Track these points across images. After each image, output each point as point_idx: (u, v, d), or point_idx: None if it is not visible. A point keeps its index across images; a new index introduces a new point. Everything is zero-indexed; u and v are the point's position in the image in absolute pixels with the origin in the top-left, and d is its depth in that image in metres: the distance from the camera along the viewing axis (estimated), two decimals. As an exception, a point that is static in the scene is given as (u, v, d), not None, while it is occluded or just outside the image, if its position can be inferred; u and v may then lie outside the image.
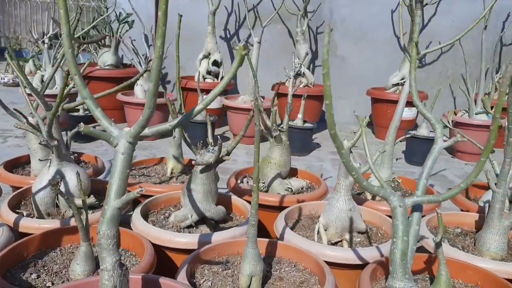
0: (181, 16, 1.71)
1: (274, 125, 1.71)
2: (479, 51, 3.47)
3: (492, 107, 2.29)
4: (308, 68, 4.09)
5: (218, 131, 3.64)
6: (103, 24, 3.70)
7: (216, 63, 3.66)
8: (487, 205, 1.65)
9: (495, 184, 1.38)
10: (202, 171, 1.40)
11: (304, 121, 3.12)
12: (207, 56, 3.63)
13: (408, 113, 3.51)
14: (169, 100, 1.63)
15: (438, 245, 1.08)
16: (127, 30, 3.68)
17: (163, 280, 0.99)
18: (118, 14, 3.64)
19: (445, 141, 0.86)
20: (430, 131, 2.97)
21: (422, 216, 1.51)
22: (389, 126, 1.75)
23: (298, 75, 3.63)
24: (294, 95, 3.64)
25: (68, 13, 0.78)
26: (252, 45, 4.15)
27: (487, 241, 1.38)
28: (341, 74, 4.10)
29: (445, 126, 2.34)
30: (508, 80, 0.73)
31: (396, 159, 3.13)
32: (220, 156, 1.40)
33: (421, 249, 1.52)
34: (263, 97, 3.45)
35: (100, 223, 0.79)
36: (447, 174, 2.89)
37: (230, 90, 3.71)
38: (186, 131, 1.54)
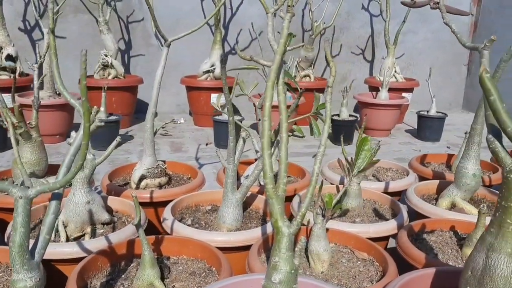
0: None
1: (17, 122, 1.59)
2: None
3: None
4: (122, 60, 3.98)
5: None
6: None
7: (11, 58, 3.32)
8: (242, 180, 1.78)
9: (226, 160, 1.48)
10: None
11: (110, 114, 3.03)
12: (-2, 51, 3.27)
13: (223, 100, 3.64)
14: None
15: (137, 227, 1.11)
16: None
17: None
18: None
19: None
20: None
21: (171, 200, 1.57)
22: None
23: (105, 66, 3.49)
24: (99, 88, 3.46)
25: None
26: (64, 37, 3.89)
27: (224, 214, 1.48)
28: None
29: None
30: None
31: (206, 144, 3.22)
32: None
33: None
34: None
35: None
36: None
37: (30, 85, 3.39)
38: None
